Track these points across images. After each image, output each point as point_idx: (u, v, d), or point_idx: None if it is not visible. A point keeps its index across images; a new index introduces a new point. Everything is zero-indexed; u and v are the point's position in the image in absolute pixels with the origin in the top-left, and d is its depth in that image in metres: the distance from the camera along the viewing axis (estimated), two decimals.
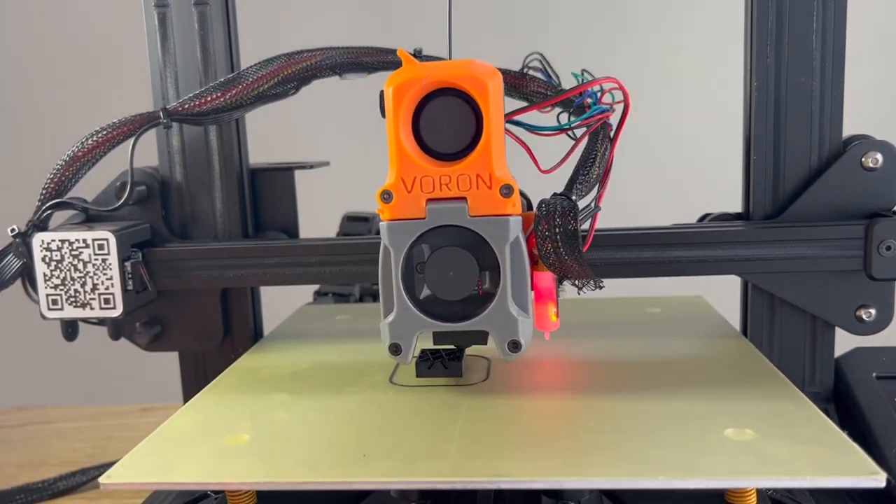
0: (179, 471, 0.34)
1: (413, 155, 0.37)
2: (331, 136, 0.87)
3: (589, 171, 0.40)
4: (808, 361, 0.50)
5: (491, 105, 0.36)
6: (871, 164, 0.47)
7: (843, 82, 0.48)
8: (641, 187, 1.02)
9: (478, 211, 0.37)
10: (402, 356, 0.39)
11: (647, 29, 1.06)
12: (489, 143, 0.36)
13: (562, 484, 0.32)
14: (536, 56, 0.50)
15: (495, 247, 0.37)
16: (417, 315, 0.38)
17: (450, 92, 0.37)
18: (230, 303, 0.54)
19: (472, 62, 0.37)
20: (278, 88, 0.48)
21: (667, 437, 0.35)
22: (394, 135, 0.37)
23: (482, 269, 0.38)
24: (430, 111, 0.37)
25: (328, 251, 0.49)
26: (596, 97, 0.43)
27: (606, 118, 0.42)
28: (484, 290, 0.38)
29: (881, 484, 0.30)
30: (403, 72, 0.37)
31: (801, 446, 0.33)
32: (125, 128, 0.48)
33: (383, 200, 0.37)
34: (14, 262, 0.47)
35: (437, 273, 0.38)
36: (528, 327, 0.39)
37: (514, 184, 0.37)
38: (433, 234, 0.38)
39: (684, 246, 0.47)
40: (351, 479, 0.32)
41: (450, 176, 0.37)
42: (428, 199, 0.37)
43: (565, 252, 0.38)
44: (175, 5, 0.52)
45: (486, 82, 0.36)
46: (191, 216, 0.54)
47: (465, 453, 0.34)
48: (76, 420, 0.76)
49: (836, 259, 0.46)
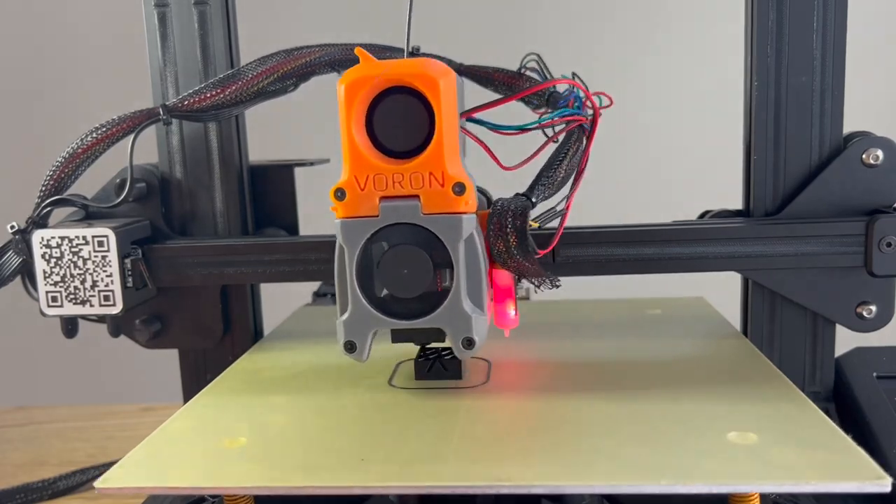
0: (175, 475, 0.34)
1: (366, 153, 0.37)
2: (330, 133, 0.86)
3: (553, 173, 0.41)
4: (808, 360, 0.50)
5: (443, 103, 0.36)
6: (871, 160, 0.47)
7: (844, 80, 0.48)
8: (642, 184, 1.02)
9: (431, 209, 0.37)
10: (356, 353, 0.39)
11: (647, 28, 1.06)
12: (441, 141, 0.36)
13: (562, 489, 0.32)
14: (534, 56, 0.50)
15: (448, 244, 0.37)
16: (372, 313, 0.38)
17: (403, 90, 0.37)
18: (230, 300, 0.54)
19: (427, 61, 0.37)
20: (277, 85, 0.48)
21: (669, 441, 0.34)
22: (346, 132, 0.37)
23: (437, 266, 0.38)
24: (384, 109, 0.37)
25: (328, 248, 0.49)
26: (580, 101, 0.43)
27: (579, 122, 0.42)
28: (443, 288, 0.38)
29: (887, 489, 0.30)
30: (357, 70, 0.37)
31: (806, 450, 0.32)
32: (125, 124, 0.48)
33: (337, 198, 0.37)
34: (14, 259, 0.47)
35: (391, 271, 0.38)
36: (483, 324, 0.39)
37: (467, 182, 0.37)
38: (387, 231, 0.38)
39: (685, 242, 0.47)
40: (349, 484, 0.32)
41: (403, 174, 0.37)
42: (381, 197, 0.37)
43: (517, 251, 0.38)
44: (175, 5, 0.52)
45: (438, 80, 0.36)
46: (190, 213, 0.54)
47: (465, 457, 0.34)
48: (76, 420, 0.76)
49: (836, 256, 0.46)
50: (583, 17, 1.06)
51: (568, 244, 0.47)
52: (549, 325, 0.54)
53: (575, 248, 0.47)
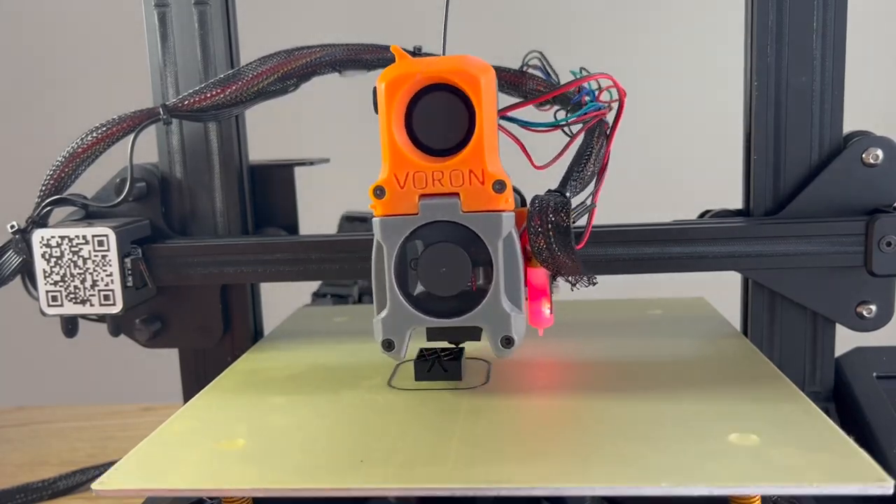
0: (173, 477, 0.33)
1: (406, 151, 0.37)
2: (331, 133, 0.87)
3: (583, 168, 0.40)
4: (808, 360, 0.50)
5: (483, 100, 0.36)
6: (871, 160, 0.47)
7: (844, 80, 0.48)
8: (642, 184, 1.02)
9: (470, 206, 0.37)
10: (394, 352, 0.39)
11: (647, 27, 1.06)
12: (481, 138, 0.36)
13: (563, 491, 0.31)
14: (536, 54, 0.50)
15: (488, 242, 0.37)
16: (410, 311, 0.38)
17: (442, 87, 0.37)
18: (230, 299, 0.54)
19: (466, 57, 0.37)
20: (278, 85, 0.48)
21: (670, 442, 0.34)
22: (386, 130, 0.37)
23: (475, 264, 0.37)
24: (423, 107, 0.37)
25: (328, 248, 0.49)
26: (593, 95, 0.43)
27: (602, 115, 0.42)
28: (477, 286, 0.38)
29: (889, 491, 0.29)
30: (396, 67, 0.37)
31: (807, 452, 0.32)
32: (125, 124, 0.48)
33: (376, 196, 0.37)
34: (14, 258, 0.47)
35: (430, 269, 0.37)
36: (522, 323, 0.38)
37: (507, 179, 0.37)
38: (426, 229, 0.37)
39: (685, 242, 0.47)
40: (348, 486, 0.32)
41: (442, 171, 0.37)
42: (421, 195, 0.37)
43: (558, 248, 0.37)
44: (175, 5, 0.52)
45: (479, 77, 0.36)
46: (190, 213, 0.54)
47: (465, 458, 0.33)
48: (76, 420, 0.76)
49: (836, 255, 0.46)
50: (583, 17, 1.06)
51: None
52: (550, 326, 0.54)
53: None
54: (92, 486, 0.33)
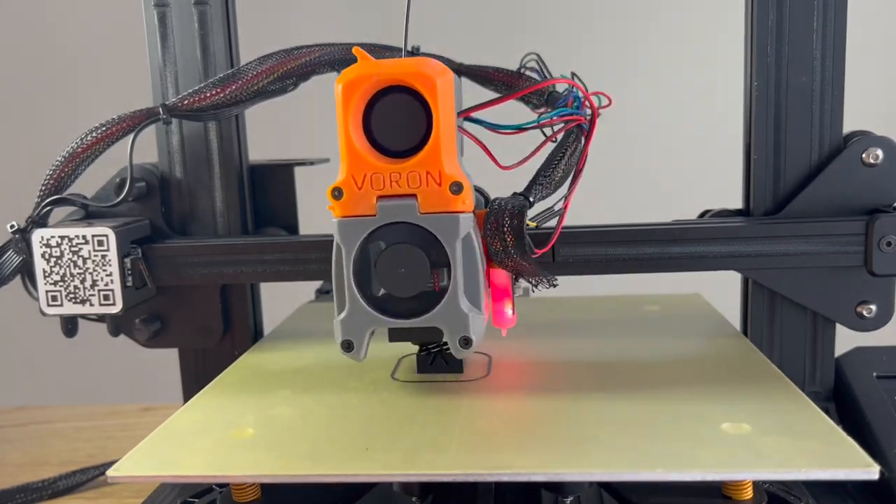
0: (186, 464, 0.34)
1: (363, 152, 0.37)
2: (330, 133, 0.86)
3: (551, 172, 0.41)
4: (808, 360, 0.50)
5: (440, 102, 0.36)
6: (871, 160, 0.47)
7: (844, 80, 0.48)
8: (642, 183, 1.02)
9: (428, 208, 0.37)
10: (354, 353, 0.39)
11: (647, 27, 1.06)
12: (438, 140, 0.36)
13: (561, 476, 0.32)
14: (533, 56, 0.50)
15: (445, 243, 0.37)
16: (369, 312, 0.38)
17: (400, 89, 0.37)
18: (230, 299, 0.54)
19: (424, 60, 0.37)
20: (277, 84, 0.49)
21: (664, 432, 0.35)
22: (344, 132, 0.37)
23: (434, 265, 0.38)
24: (381, 108, 0.37)
25: (328, 248, 0.49)
26: (579, 101, 0.43)
27: (577, 122, 0.42)
28: (440, 287, 0.38)
29: (874, 476, 0.30)
30: (354, 69, 0.37)
31: (797, 440, 0.33)
32: (124, 124, 0.48)
33: (334, 197, 0.38)
34: (13, 258, 0.48)
35: (389, 270, 0.38)
36: (480, 323, 0.39)
37: (465, 180, 0.37)
38: (385, 231, 0.38)
39: (685, 242, 0.47)
40: (354, 472, 0.33)
41: (400, 173, 0.37)
42: (379, 196, 0.37)
43: (514, 251, 0.38)
44: (175, 5, 0.52)
45: (435, 80, 0.36)
46: (190, 212, 0.54)
47: (466, 447, 0.34)
48: (76, 420, 0.76)
49: (836, 255, 0.46)
50: (583, 17, 1.06)
51: (568, 244, 0.47)
52: (548, 320, 0.55)
53: (575, 247, 0.47)
54: (107, 473, 0.34)
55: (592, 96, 0.43)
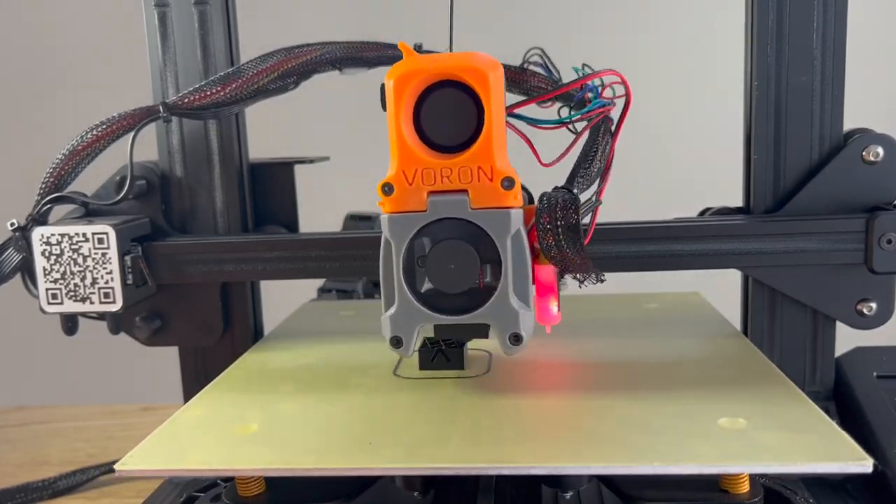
0: (192, 458, 0.35)
1: (414, 147, 0.37)
2: (331, 131, 0.87)
3: (590, 165, 0.40)
4: (808, 359, 0.50)
5: (492, 97, 0.36)
6: (871, 157, 0.47)
7: (844, 79, 0.48)
8: (642, 182, 1.02)
9: (479, 203, 0.37)
10: (403, 349, 0.39)
11: (647, 25, 1.06)
12: (490, 135, 0.36)
13: (560, 470, 0.33)
14: (537, 51, 0.50)
15: (496, 239, 0.37)
16: (419, 308, 0.38)
17: (451, 84, 0.37)
18: (230, 297, 0.54)
19: (474, 54, 0.37)
20: (278, 83, 0.48)
21: (663, 427, 0.35)
22: (395, 127, 0.37)
23: (483, 261, 0.37)
24: (432, 103, 0.37)
25: (328, 245, 0.49)
26: (597, 92, 0.43)
27: (607, 112, 0.42)
28: (485, 284, 0.38)
29: (868, 469, 0.31)
30: (404, 64, 0.37)
31: (792, 434, 0.34)
32: (125, 122, 0.48)
33: (384, 193, 0.37)
34: (14, 256, 0.48)
35: (439, 266, 0.37)
36: (530, 320, 0.38)
37: (515, 176, 0.37)
38: (434, 226, 0.37)
39: (685, 240, 0.47)
40: (358, 466, 0.33)
41: (451, 168, 0.37)
42: (429, 192, 0.37)
43: (567, 245, 0.37)
44: (175, 5, 0.52)
45: (487, 74, 0.36)
46: (190, 210, 0.54)
47: (467, 441, 0.35)
48: (76, 420, 0.76)
49: (836, 253, 0.46)
50: (584, 15, 1.06)
51: None
52: None
53: None
54: (115, 467, 0.34)
55: (607, 88, 0.43)
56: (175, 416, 0.39)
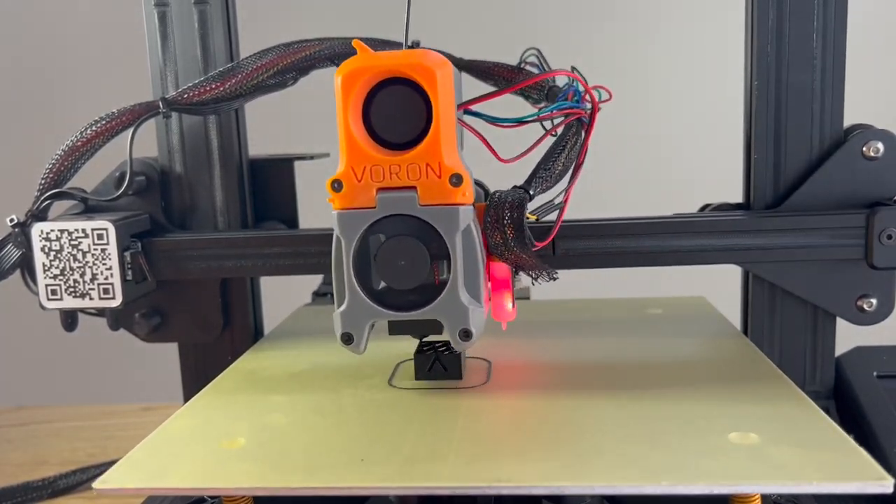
0: (175, 475, 0.33)
1: (363, 144, 0.37)
2: (330, 128, 0.86)
3: (551, 166, 0.40)
4: (808, 358, 0.50)
5: (440, 94, 0.36)
6: (871, 153, 0.47)
7: (844, 77, 0.48)
8: (642, 177, 1.02)
9: (428, 200, 0.37)
10: (354, 345, 0.39)
11: (647, 21, 1.07)
12: (438, 132, 0.36)
13: (563, 490, 0.31)
14: (533, 51, 0.50)
15: (445, 236, 0.37)
16: (369, 304, 0.38)
17: (400, 81, 0.36)
18: (230, 293, 0.54)
19: (424, 52, 0.37)
20: (277, 78, 0.49)
21: (669, 441, 0.34)
22: (343, 124, 0.37)
23: (434, 258, 0.37)
24: (381, 100, 0.37)
25: (328, 241, 0.49)
26: (579, 95, 0.43)
27: (578, 115, 0.42)
28: (440, 280, 0.38)
29: (889, 489, 0.29)
30: (354, 61, 0.36)
31: (807, 451, 0.32)
32: (124, 117, 0.48)
33: (333, 189, 0.37)
34: (13, 252, 0.48)
35: (389, 262, 0.37)
36: (480, 316, 0.38)
37: (464, 173, 0.37)
38: (385, 223, 0.37)
39: (685, 235, 0.47)
40: (349, 485, 0.32)
41: (400, 165, 0.36)
42: (378, 189, 0.37)
43: (514, 244, 0.38)
44: (175, 4, 0.52)
45: (435, 71, 0.36)
46: (190, 207, 0.54)
47: (465, 457, 0.33)
48: (76, 419, 0.76)
49: (836, 248, 0.46)
50: (584, 14, 1.06)
51: (568, 237, 0.47)
52: (550, 324, 0.54)
53: (575, 241, 0.47)
54: (93, 485, 0.33)
55: (593, 90, 0.43)
56: (160, 429, 0.38)
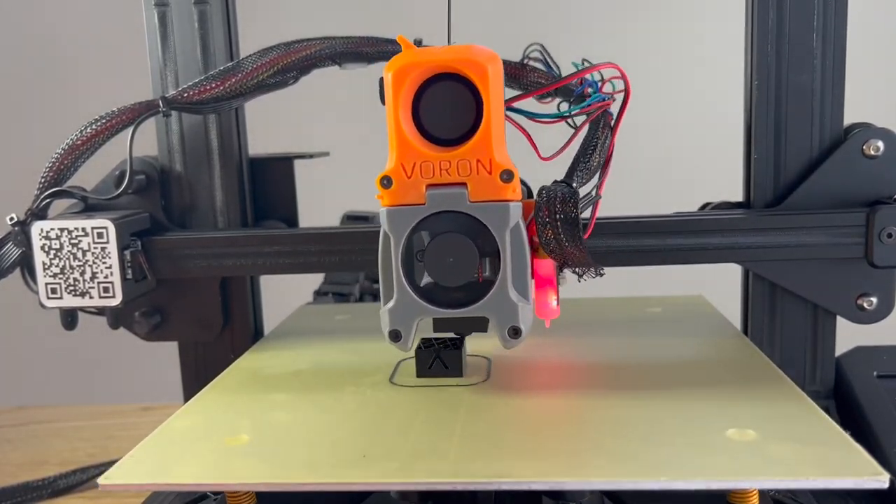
0: (178, 471, 0.33)
1: (413, 140, 0.37)
2: (331, 126, 0.87)
3: (589, 159, 0.40)
4: (808, 358, 0.50)
5: (491, 89, 0.36)
6: (872, 151, 0.47)
7: (844, 77, 0.48)
8: (643, 176, 1.02)
9: (478, 196, 0.37)
10: (401, 343, 0.39)
11: (648, 20, 1.07)
12: (489, 127, 0.36)
13: (563, 485, 0.32)
14: (537, 46, 0.50)
15: (495, 232, 0.37)
16: (417, 301, 0.38)
17: (450, 77, 0.36)
18: (230, 292, 0.54)
19: (472, 47, 0.36)
20: (277, 77, 0.48)
21: (668, 438, 0.34)
22: (393, 120, 0.36)
23: (482, 255, 0.37)
24: (430, 96, 0.37)
25: (327, 240, 0.49)
26: (596, 86, 0.43)
27: (607, 106, 0.42)
28: (484, 277, 0.38)
29: (884, 485, 0.29)
30: (403, 57, 0.36)
31: (804, 447, 0.32)
32: (124, 116, 0.48)
33: (383, 186, 0.37)
34: (13, 250, 0.48)
35: (437, 259, 0.37)
36: (529, 314, 0.38)
37: (514, 169, 0.36)
38: (433, 220, 0.37)
39: (685, 234, 0.47)
40: (351, 481, 0.32)
41: (450, 161, 0.36)
42: (428, 185, 0.37)
43: (566, 239, 0.37)
44: (175, 4, 0.52)
45: (486, 66, 0.36)
46: (190, 205, 0.54)
47: (466, 454, 0.33)
48: (76, 419, 0.76)
49: (836, 246, 0.46)
50: (585, 12, 1.06)
51: None
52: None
53: None
54: (98, 481, 0.33)
55: (607, 83, 0.43)
56: (164, 426, 0.38)
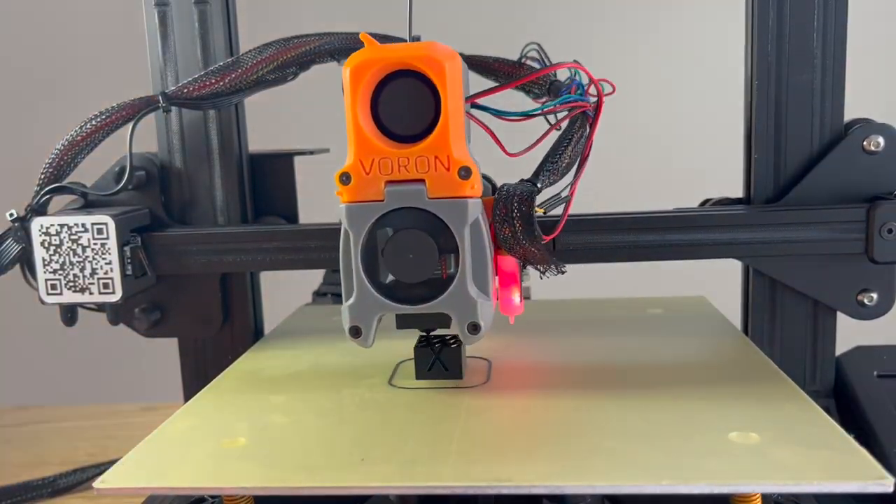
0: (175, 475, 0.33)
1: (371, 137, 0.37)
2: (330, 123, 0.86)
3: (558, 159, 0.40)
4: (808, 357, 0.50)
5: (448, 87, 0.36)
6: (872, 147, 0.47)
7: (845, 75, 0.48)
8: (643, 172, 1.02)
9: (436, 193, 0.37)
10: (362, 339, 0.39)
11: (648, 19, 1.07)
12: (447, 124, 0.36)
13: (563, 489, 0.31)
14: (534, 46, 0.50)
15: (454, 229, 0.37)
16: (377, 298, 0.38)
17: (408, 73, 0.36)
18: (229, 289, 0.54)
19: (432, 44, 0.37)
20: (277, 73, 0.49)
21: (670, 441, 0.34)
22: (352, 116, 0.37)
23: (443, 251, 0.37)
24: (389, 93, 0.37)
25: (327, 236, 0.49)
26: (582, 88, 0.43)
27: (584, 108, 0.42)
28: (448, 274, 0.38)
29: (889, 488, 0.29)
30: (362, 53, 0.37)
31: (807, 450, 0.32)
32: (124, 112, 0.48)
33: (342, 182, 0.37)
34: (13, 246, 0.48)
35: (397, 256, 0.37)
36: (488, 310, 0.38)
37: (473, 166, 0.37)
38: (394, 216, 0.37)
39: (685, 229, 0.47)
40: (349, 484, 0.32)
41: (408, 158, 0.37)
42: (387, 182, 0.37)
43: (523, 237, 0.38)
44: (175, 4, 0.52)
45: (444, 64, 0.36)
46: (190, 201, 0.54)
47: (466, 457, 0.33)
48: (76, 419, 0.76)
49: (837, 242, 0.46)
50: (585, 11, 1.06)
51: (568, 231, 0.47)
52: (550, 324, 0.53)
53: (575, 235, 0.47)
54: (94, 485, 0.33)
55: (592, 86, 0.43)
56: (161, 429, 0.38)
